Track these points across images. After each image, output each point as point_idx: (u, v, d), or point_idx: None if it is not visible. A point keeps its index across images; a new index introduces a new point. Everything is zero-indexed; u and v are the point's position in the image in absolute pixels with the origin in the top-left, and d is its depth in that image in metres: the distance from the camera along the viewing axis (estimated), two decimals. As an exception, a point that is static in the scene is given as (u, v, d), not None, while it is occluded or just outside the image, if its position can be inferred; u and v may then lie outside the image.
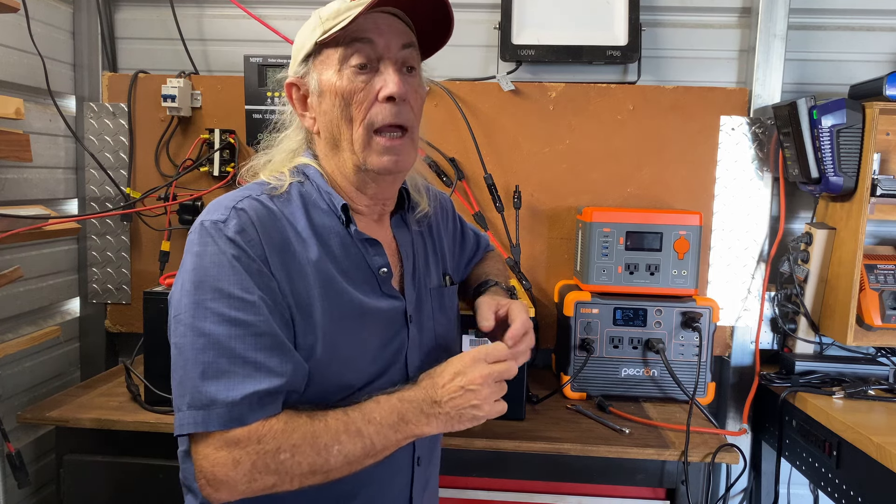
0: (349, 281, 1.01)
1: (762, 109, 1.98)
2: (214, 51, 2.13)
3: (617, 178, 2.03)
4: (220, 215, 0.94)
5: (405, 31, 1.02)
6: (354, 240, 1.04)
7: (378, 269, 1.05)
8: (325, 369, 0.97)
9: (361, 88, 0.98)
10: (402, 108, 1.00)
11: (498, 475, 1.58)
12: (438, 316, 1.17)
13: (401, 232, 1.14)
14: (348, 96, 0.98)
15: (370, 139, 1.00)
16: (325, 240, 1.01)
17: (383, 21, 1.00)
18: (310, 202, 1.03)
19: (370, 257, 1.05)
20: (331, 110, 1.01)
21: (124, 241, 2.10)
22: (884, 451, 1.37)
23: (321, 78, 1.01)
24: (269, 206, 0.98)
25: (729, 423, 1.99)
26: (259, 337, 0.90)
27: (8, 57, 1.76)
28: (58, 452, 1.61)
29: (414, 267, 1.13)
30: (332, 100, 1.00)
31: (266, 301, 0.92)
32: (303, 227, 1.00)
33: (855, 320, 1.74)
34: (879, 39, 2.02)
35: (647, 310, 1.76)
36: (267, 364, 0.90)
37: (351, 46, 0.98)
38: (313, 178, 1.05)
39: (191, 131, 2.07)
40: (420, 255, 1.16)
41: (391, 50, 0.99)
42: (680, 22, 2.07)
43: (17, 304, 1.82)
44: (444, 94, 2.01)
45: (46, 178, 1.94)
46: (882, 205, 1.74)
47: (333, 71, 0.99)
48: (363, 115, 0.99)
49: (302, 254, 0.98)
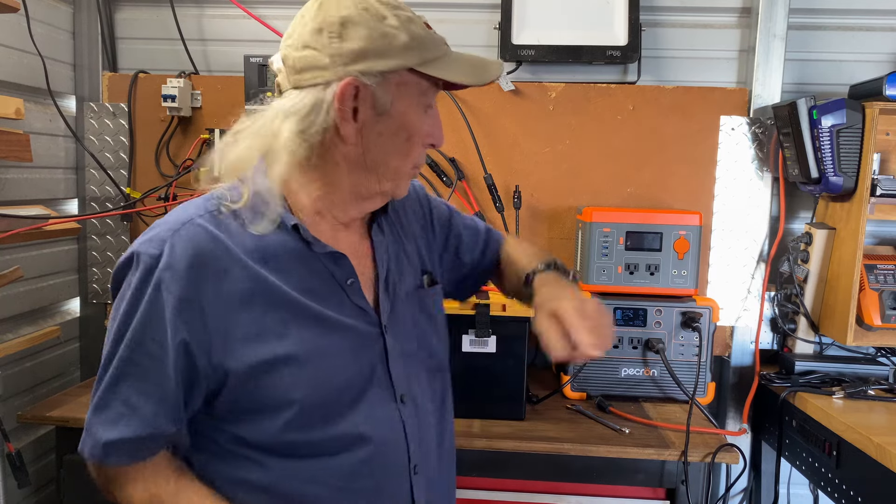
0: (312, 297, 0.95)
1: (762, 109, 1.98)
2: (214, 51, 2.13)
3: (617, 178, 2.03)
4: (155, 248, 0.89)
5: None
6: (317, 255, 0.97)
7: (346, 282, 0.99)
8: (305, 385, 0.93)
9: (425, 131, 0.98)
10: None
11: (498, 475, 1.58)
12: (420, 319, 1.10)
13: (378, 237, 1.08)
14: (413, 133, 0.96)
15: (411, 172, 1.01)
16: (280, 260, 0.94)
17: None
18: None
19: (335, 269, 0.98)
20: (392, 138, 0.95)
21: (124, 241, 2.10)
22: (884, 451, 1.37)
23: (399, 104, 0.93)
24: (210, 228, 0.91)
25: (729, 423, 1.99)
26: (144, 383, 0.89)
27: (8, 57, 1.76)
28: (58, 452, 1.61)
29: (387, 272, 1.07)
30: (396, 129, 0.95)
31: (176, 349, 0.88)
32: (253, 248, 0.92)
33: (855, 320, 1.74)
34: (879, 39, 2.02)
35: (646, 310, 1.76)
36: (142, 410, 0.89)
37: (433, 87, 0.97)
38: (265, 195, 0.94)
39: (191, 131, 2.07)
40: (393, 259, 1.09)
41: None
42: (680, 22, 2.07)
43: (17, 304, 1.82)
44: (444, 94, 2.00)
45: (46, 178, 1.94)
46: (882, 205, 1.74)
47: (411, 104, 0.95)
48: (417, 154, 0.99)
49: (250, 279, 0.91)
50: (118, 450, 0.90)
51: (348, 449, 0.97)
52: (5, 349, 1.66)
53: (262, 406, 0.93)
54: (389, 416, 1.01)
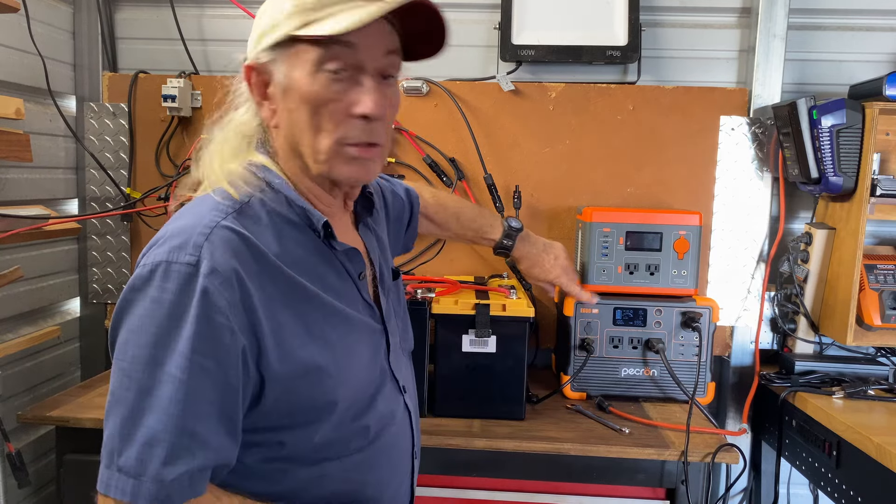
0: (336, 296, 0.95)
1: (762, 109, 1.98)
2: (214, 51, 2.13)
3: (617, 178, 2.03)
4: (189, 256, 0.81)
5: (390, 36, 0.91)
6: (335, 252, 0.97)
7: (358, 275, 1.00)
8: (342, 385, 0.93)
9: (335, 99, 0.88)
10: (376, 126, 0.90)
11: (498, 475, 1.58)
12: (398, 310, 1.14)
13: (367, 235, 1.10)
14: (318, 104, 0.88)
15: (339, 150, 0.90)
16: (304, 261, 0.92)
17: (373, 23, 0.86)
18: (279, 218, 0.92)
19: (350, 265, 0.99)
20: (296, 113, 0.89)
21: (124, 241, 2.10)
22: (884, 451, 1.37)
23: (291, 75, 0.89)
24: (239, 230, 0.86)
25: (729, 423, 1.99)
26: (204, 404, 0.80)
27: (8, 57, 1.76)
28: (58, 452, 1.61)
29: (380, 271, 1.09)
30: (298, 102, 0.89)
31: (228, 364, 0.82)
32: (276, 249, 0.89)
33: (855, 320, 1.74)
34: (879, 39, 2.02)
35: (646, 310, 1.76)
36: (205, 436, 0.81)
37: (330, 49, 0.86)
38: (281, 189, 0.93)
39: (191, 131, 2.07)
40: (379, 252, 1.13)
41: (374, 59, 0.89)
42: (680, 22, 2.07)
43: (17, 304, 1.82)
44: (444, 94, 2.01)
45: (46, 178, 1.94)
46: (882, 205, 1.74)
47: (306, 72, 0.88)
48: (333, 127, 0.89)
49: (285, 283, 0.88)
50: (181, 485, 0.80)
51: (373, 443, 0.99)
52: (5, 349, 1.66)
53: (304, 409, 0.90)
54: (399, 407, 1.06)
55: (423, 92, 2.01)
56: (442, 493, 1.59)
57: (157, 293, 0.81)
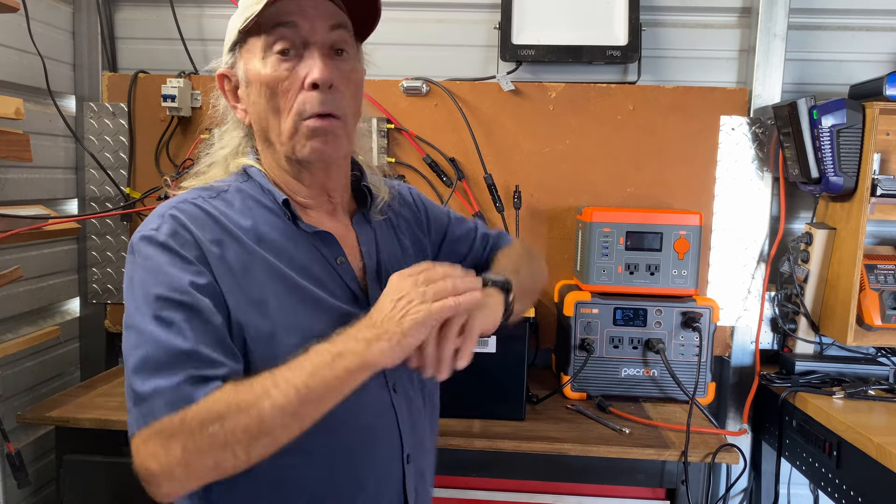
0: (305, 276, 0.97)
1: (762, 109, 1.98)
2: (214, 51, 2.13)
3: (617, 178, 2.03)
4: (152, 226, 0.92)
5: (334, 12, 0.96)
6: (305, 234, 0.99)
7: (335, 259, 1.01)
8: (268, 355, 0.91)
9: (286, 77, 0.93)
10: (331, 96, 0.94)
11: (498, 475, 1.58)
12: None
13: (362, 228, 1.09)
14: (273, 85, 0.94)
15: (298, 126, 0.95)
16: (272, 239, 0.97)
17: (308, 2, 0.93)
18: (253, 202, 0.99)
19: (324, 248, 1.00)
20: (258, 101, 0.96)
21: (124, 241, 2.10)
22: (884, 451, 1.37)
23: (247, 67, 0.97)
24: (206, 207, 0.95)
25: (729, 423, 1.99)
26: (199, 332, 0.86)
27: (8, 57, 1.76)
28: (58, 452, 1.61)
29: (378, 262, 1.08)
30: (258, 90, 0.96)
31: (205, 299, 0.88)
32: (248, 227, 0.96)
33: (855, 320, 1.74)
34: (879, 39, 2.02)
35: (647, 310, 1.76)
36: (209, 355, 0.86)
37: (274, 32, 0.93)
38: (255, 177, 1.01)
39: (191, 131, 2.07)
40: (388, 250, 1.11)
41: (317, 33, 0.94)
42: (680, 22, 2.07)
43: (17, 304, 1.82)
44: (444, 94, 2.00)
45: (46, 178, 1.94)
46: (882, 205, 1.74)
47: (258, 59, 0.95)
48: (290, 104, 0.94)
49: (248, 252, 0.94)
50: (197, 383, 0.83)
51: (336, 429, 0.96)
52: (5, 349, 1.66)
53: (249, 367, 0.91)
54: (380, 402, 1.01)
55: (422, 92, 2.01)
56: (442, 493, 1.59)
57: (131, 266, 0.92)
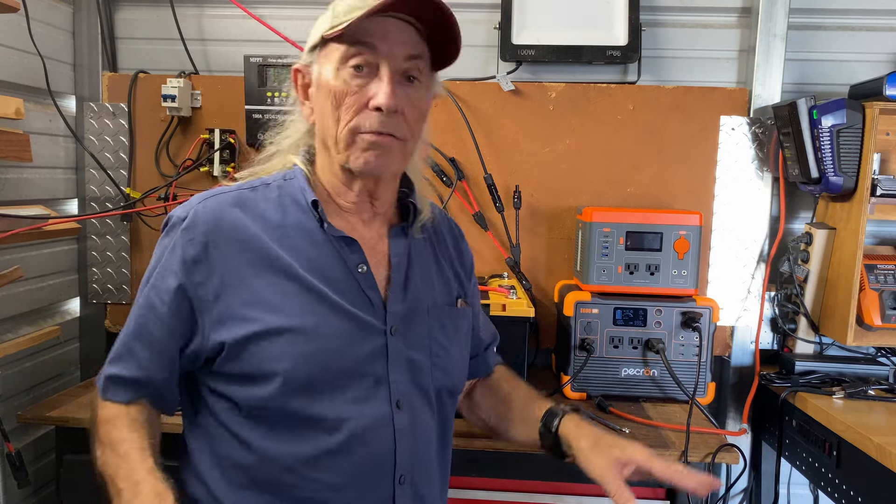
0: (320, 278, 0.99)
1: (762, 109, 1.98)
2: (214, 51, 2.13)
3: (617, 178, 2.03)
4: (183, 211, 1.02)
5: (415, 42, 0.99)
6: (329, 237, 1.02)
7: (356, 266, 1.02)
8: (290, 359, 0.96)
9: (354, 92, 0.97)
10: (392, 120, 0.97)
11: (498, 475, 1.57)
12: (438, 335, 1.08)
13: (397, 241, 1.09)
14: (340, 97, 0.97)
15: (354, 137, 0.98)
16: (295, 239, 1.01)
17: (393, 27, 0.97)
18: (289, 199, 1.04)
19: (346, 254, 1.02)
20: (323, 106, 1.00)
21: (124, 241, 2.10)
22: (884, 451, 1.37)
23: (321, 71, 1.01)
24: (235, 203, 1.02)
25: (729, 423, 1.99)
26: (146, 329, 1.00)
27: (8, 57, 1.76)
28: (58, 452, 1.61)
29: (406, 277, 1.07)
30: (326, 96, 0.99)
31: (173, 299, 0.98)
32: (275, 223, 1.02)
33: (855, 320, 1.74)
34: (879, 39, 2.02)
35: (647, 310, 1.76)
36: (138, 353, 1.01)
37: (354, 47, 0.97)
38: (297, 176, 1.06)
39: (191, 131, 2.07)
40: (420, 266, 1.10)
41: (394, 59, 0.97)
42: (680, 22, 2.07)
43: (17, 304, 1.82)
44: (444, 94, 2.00)
45: (46, 178, 1.94)
46: (882, 205, 1.74)
47: (332, 67, 0.98)
48: (350, 117, 0.97)
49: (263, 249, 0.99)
50: (115, 385, 1.02)
51: (328, 432, 0.97)
52: (5, 349, 1.66)
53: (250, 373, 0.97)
54: (378, 416, 1.00)
55: (423, 92, 2.00)
56: (442, 494, 1.59)
57: (160, 241, 1.03)
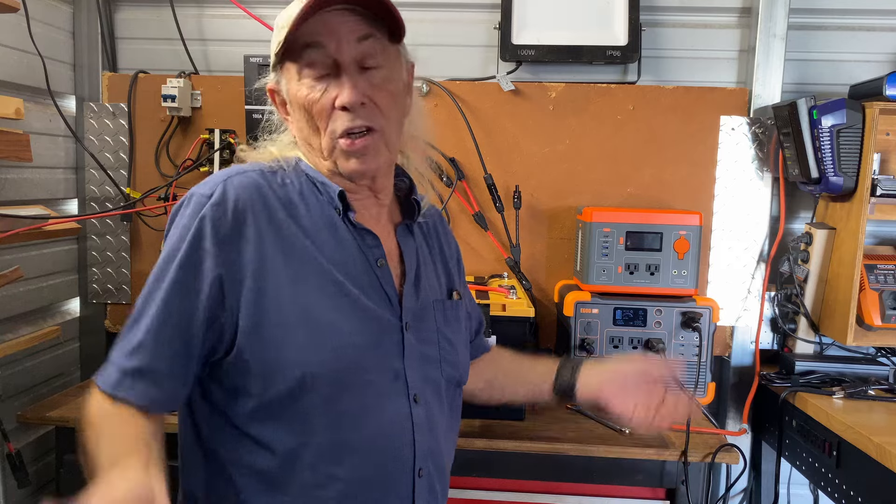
0: (341, 271, 0.99)
1: (762, 109, 1.98)
2: (214, 51, 2.13)
3: (617, 178, 2.03)
4: (207, 189, 0.97)
5: (358, 24, 0.96)
6: (350, 229, 1.02)
7: (375, 261, 1.03)
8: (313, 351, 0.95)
9: (318, 99, 0.97)
10: (364, 112, 0.97)
11: (498, 475, 1.58)
12: (444, 329, 1.11)
13: (406, 240, 1.11)
14: (309, 107, 0.97)
15: (335, 144, 0.99)
16: (316, 229, 1.00)
17: (334, 18, 0.95)
18: (306, 189, 1.03)
19: (367, 248, 1.02)
20: (300, 119, 1.01)
21: (124, 241, 2.10)
22: (884, 451, 1.37)
23: (288, 87, 1.01)
24: (263, 183, 0.99)
25: (729, 423, 1.99)
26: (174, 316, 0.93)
27: (8, 57, 1.76)
28: (58, 452, 1.62)
29: (417, 275, 1.09)
30: (298, 110, 1.00)
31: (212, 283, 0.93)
32: (300, 210, 1.00)
33: (855, 320, 1.74)
34: (879, 39, 2.02)
35: (647, 310, 1.76)
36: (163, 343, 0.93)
37: (304, 55, 0.96)
38: (307, 170, 1.05)
39: (191, 131, 2.07)
40: (424, 263, 1.12)
41: (344, 50, 0.95)
42: (680, 22, 2.07)
43: (17, 304, 1.82)
44: (444, 94, 2.00)
45: (46, 178, 1.94)
46: (882, 205, 1.74)
47: (295, 81, 0.98)
48: (325, 124, 0.98)
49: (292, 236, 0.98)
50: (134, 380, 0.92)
51: (350, 429, 0.97)
52: (5, 349, 1.66)
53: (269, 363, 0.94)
54: (398, 411, 1.01)
55: (422, 92, 2.00)
56: (442, 494, 1.59)
57: (180, 219, 0.96)
